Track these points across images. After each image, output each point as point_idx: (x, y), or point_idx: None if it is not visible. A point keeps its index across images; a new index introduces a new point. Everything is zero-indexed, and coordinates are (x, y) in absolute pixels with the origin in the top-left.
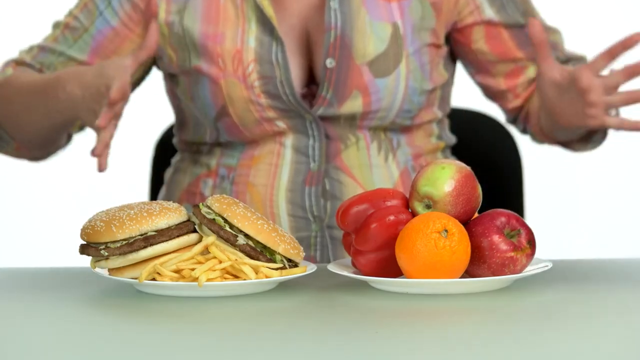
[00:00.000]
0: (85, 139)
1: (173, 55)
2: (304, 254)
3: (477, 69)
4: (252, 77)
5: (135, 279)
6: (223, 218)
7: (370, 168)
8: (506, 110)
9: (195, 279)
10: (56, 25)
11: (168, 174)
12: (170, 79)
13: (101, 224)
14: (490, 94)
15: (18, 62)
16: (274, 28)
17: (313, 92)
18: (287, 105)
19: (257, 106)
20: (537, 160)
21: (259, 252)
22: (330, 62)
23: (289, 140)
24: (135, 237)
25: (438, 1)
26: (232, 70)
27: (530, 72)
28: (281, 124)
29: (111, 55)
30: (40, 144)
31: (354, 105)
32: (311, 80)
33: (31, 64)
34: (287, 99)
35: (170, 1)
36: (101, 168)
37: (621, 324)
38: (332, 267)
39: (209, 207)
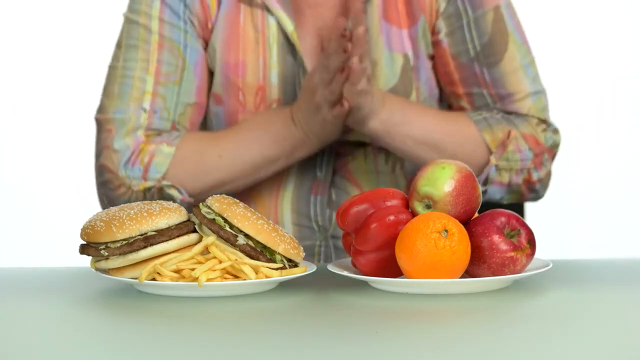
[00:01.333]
0: (86, 139)
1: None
2: (304, 254)
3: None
4: None
5: (135, 279)
6: (223, 218)
7: (377, 177)
8: None
9: (195, 279)
10: (127, 83)
11: None
12: None
13: (101, 224)
14: None
15: (150, 134)
16: (297, 55)
17: None
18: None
19: None
20: None
21: (259, 252)
22: None
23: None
24: (135, 237)
25: (429, 23)
26: (252, 107)
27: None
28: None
29: (208, 83)
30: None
31: (363, 134)
32: None
33: (161, 128)
34: None
35: (209, 19)
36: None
37: (621, 324)
38: (332, 267)
39: (209, 207)
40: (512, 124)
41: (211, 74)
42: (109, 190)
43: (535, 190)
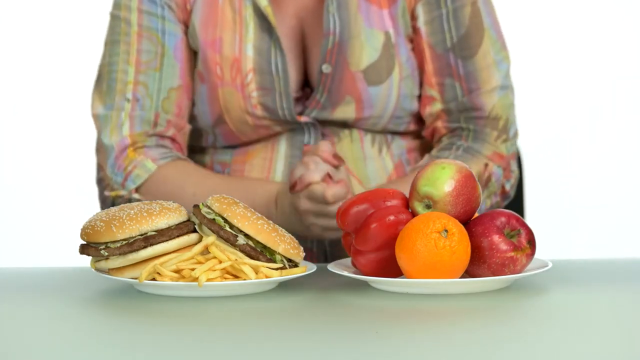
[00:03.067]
0: (85, 139)
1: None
2: (304, 254)
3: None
4: (251, 87)
5: (135, 279)
6: (223, 218)
7: (364, 160)
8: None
9: (195, 279)
10: (112, 78)
11: None
12: None
13: (101, 224)
14: None
15: (137, 138)
16: (273, 31)
17: (307, 94)
18: (282, 117)
19: (253, 116)
20: (537, 160)
21: (259, 252)
22: (326, 68)
23: (284, 139)
24: (135, 237)
25: (408, 5)
26: (230, 79)
27: (436, 107)
28: (277, 128)
29: (190, 65)
30: None
31: (346, 110)
32: (304, 82)
33: (144, 133)
34: (282, 113)
35: (188, 1)
36: None
37: (621, 324)
38: (332, 267)
39: (209, 207)
40: (478, 154)
41: (195, 54)
42: (102, 188)
43: (508, 197)
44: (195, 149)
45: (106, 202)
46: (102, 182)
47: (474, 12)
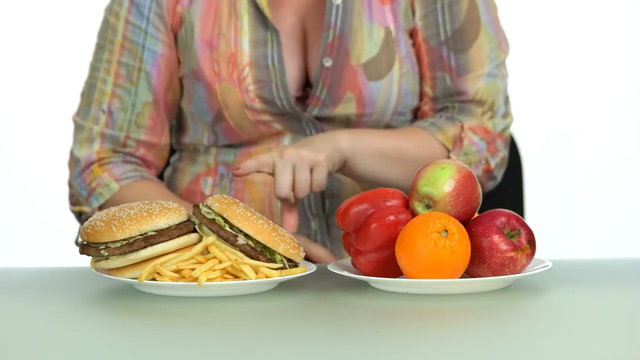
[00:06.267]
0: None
1: (180, 59)
2: (304, 254)
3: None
4: (247, 81)
5: (135, 279)
6: (223, 218)
7: None
8: None
9: (195, 279)
10: (93, 84)
11: (167, 173)
12: None
13: (101, 224)
14: None
15: (104, 154)
16: (268, 24)
17: (307, 94)
18: (281, 109)
19: (252, 110)
20: (537, 160)
21: (259, 252)
22: (327, 61)
23: (287, 138)
24: (135, 237)
25: (410, 0)
26: (226, 75)
27: (426, 100)
28: (277, 126)
29: (171, 82)
30: None
31: (347, 107)
32: (306, 82)
33: (112, 150)
34: (281, 104)
35: (179, 2)
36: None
37: (621, 323)
38: (332, 267)
39: (209, 207)
40: (457, 121)
41: (178, 62)
42: (70, 195)
43: (494, 177)
44: (199, 150)
45: (73, 212)
46: (70, 189)
47: (471, 7)
